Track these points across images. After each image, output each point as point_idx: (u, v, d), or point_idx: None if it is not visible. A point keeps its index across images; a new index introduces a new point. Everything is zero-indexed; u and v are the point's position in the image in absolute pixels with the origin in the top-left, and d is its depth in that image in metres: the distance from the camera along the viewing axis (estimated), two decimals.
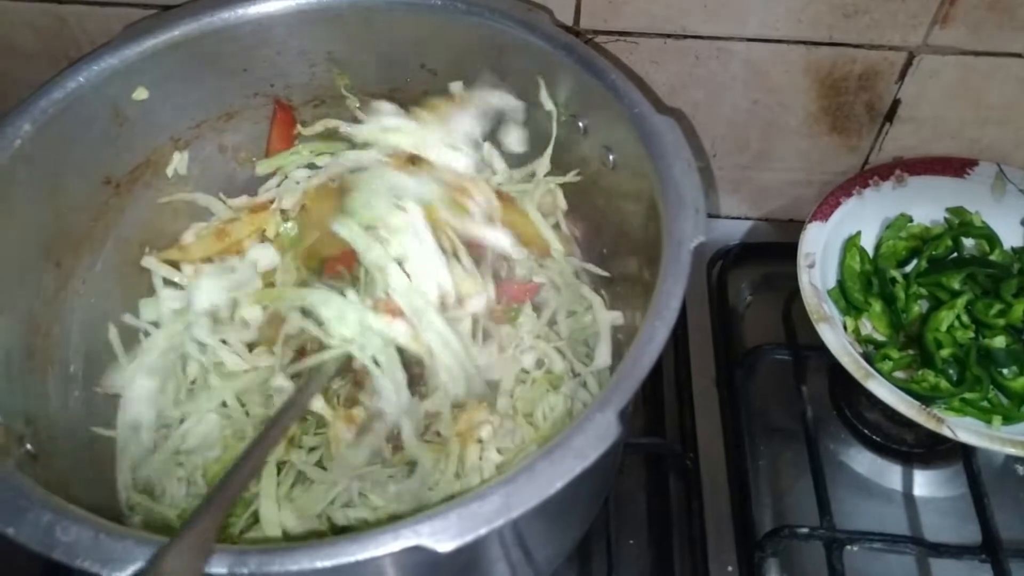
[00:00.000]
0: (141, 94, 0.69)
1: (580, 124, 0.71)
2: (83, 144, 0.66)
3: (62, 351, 0.66)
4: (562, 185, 0.77)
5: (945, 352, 0.76)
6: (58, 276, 0.66)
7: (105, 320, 0.71)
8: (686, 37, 0.81)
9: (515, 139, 0.75)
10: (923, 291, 0.81)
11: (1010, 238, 0.84)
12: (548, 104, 0.72)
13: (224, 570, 0.43)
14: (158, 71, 0.69)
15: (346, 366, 0.67)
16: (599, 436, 0.47)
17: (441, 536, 0.43)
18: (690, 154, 0.61)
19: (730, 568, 0.74)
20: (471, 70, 0.74)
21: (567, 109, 0.71)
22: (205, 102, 0.74)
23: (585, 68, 0.66)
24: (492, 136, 0.75)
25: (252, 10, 0.70)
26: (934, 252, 0.83)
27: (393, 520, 0.44)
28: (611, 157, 0.69)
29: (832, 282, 0.82)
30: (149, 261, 0.75)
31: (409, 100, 0.79)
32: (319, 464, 0.66)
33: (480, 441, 0.64)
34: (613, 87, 0.64)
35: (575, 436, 0.47)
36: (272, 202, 0.79)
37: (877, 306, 0.81)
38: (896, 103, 0.85)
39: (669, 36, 0.81)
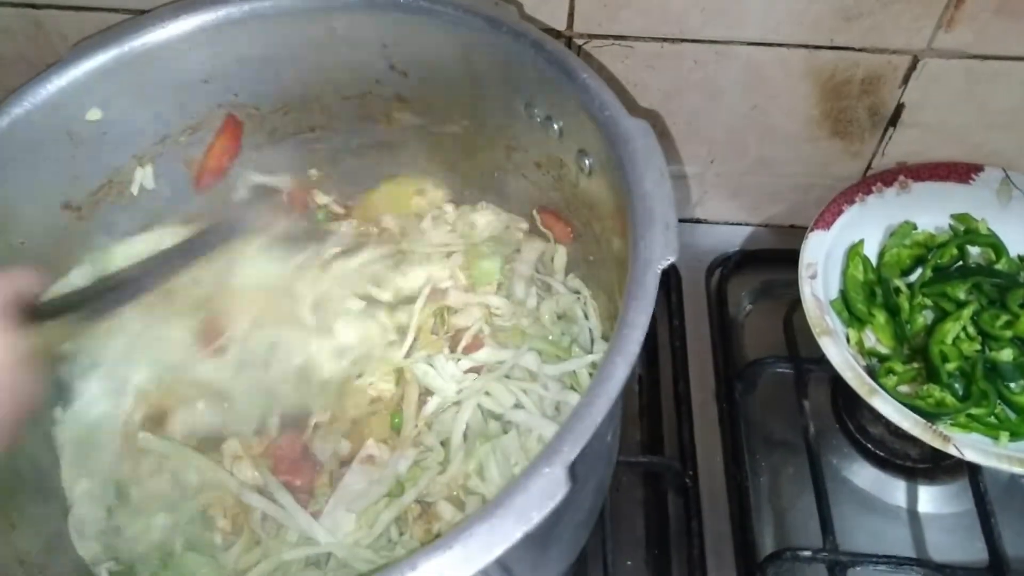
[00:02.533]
0: (95, 115, 0.66)
1: (555, 126, 0.67)
2: (36, 171, 0.64)
3: None
4: (544, 189, 0.75)
5: (951, 366, 0.74)
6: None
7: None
8: (683, 41, 0.78)
9: None
10: (928, 301, 0.79)
11: (1016, 245, 0.82)
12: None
13: None
14: (111, 89, 0.66)
15: None
16: (545, 495, 0.41)
17: None
18: (664, 163, 0.56)
19: None
20: (441, 70, 0.72)
21: (541, 110, 0.68)
22: (165, 117, 0.71)
23: (554, 66, 0.62)
24: None
25: (206, 18, 0.67)
26: (939, 261, 0.81)
27: None
28: (587, 162, 0.65)
29: (835, 292, 0.80)
30: None
31: (382, 103, 0.77)
32: None
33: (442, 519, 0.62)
34: (584, 87, 0.60)
35: (517, 494, 0.42)
36: None
37: (881, 317, 0.78)
38: (900, 107, 0.83)
39: (665, 40, 0.78)
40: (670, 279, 0.90)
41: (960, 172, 0.84)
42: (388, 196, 0.83)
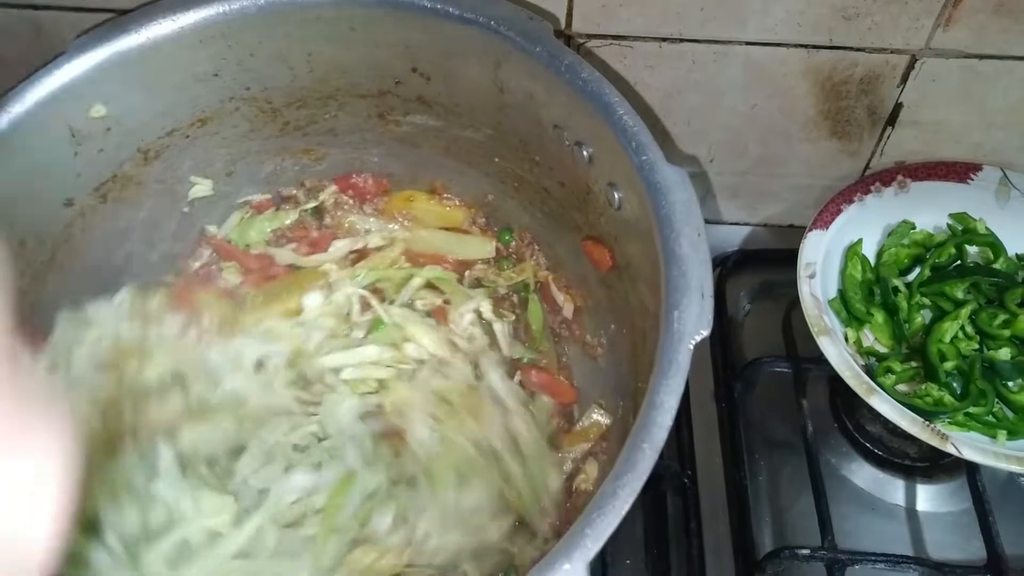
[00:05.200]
0: (98, 111, 0.64)
1: (585, 153, 0.65)
2: (37, 169, 0.62)
3: None
4: (567, 208, 0.74)
5: (949, 364, 0.74)
6: (21, 308, 0.63)
7: None
8: (682, 41, 0.78)
9: None
10: (926, 301, 0.79)
11: (1014, 245, 0.82)
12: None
13: None
14: (115, 84, 0.64)
15: None
16: None
17: None
18: (701, 221, 0.53)
19: None
20: (467, 78, 0.70)
21: (571, 134, 0.65)
22: (173, 110, 0.70)
23: (591, 100, 0.59)
24: None
25: (217, 11, 0.65)
26: (937, 260, 0.81)
27: None
28: (616, 196, 0.62)
29: (833, 291, 0.80)
30: None
31: (401, 103, 0.76)
32: None
33: None
34: (621, 126, 0.58)
35: None
36: None
37: (879, 317, 0.79)
38: (898, 107, 0.83)
39: (664, 40, 0.78)
40: None
41: (958, 172, 0.85)
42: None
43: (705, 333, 0.48)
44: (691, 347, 0.48)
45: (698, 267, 0.51)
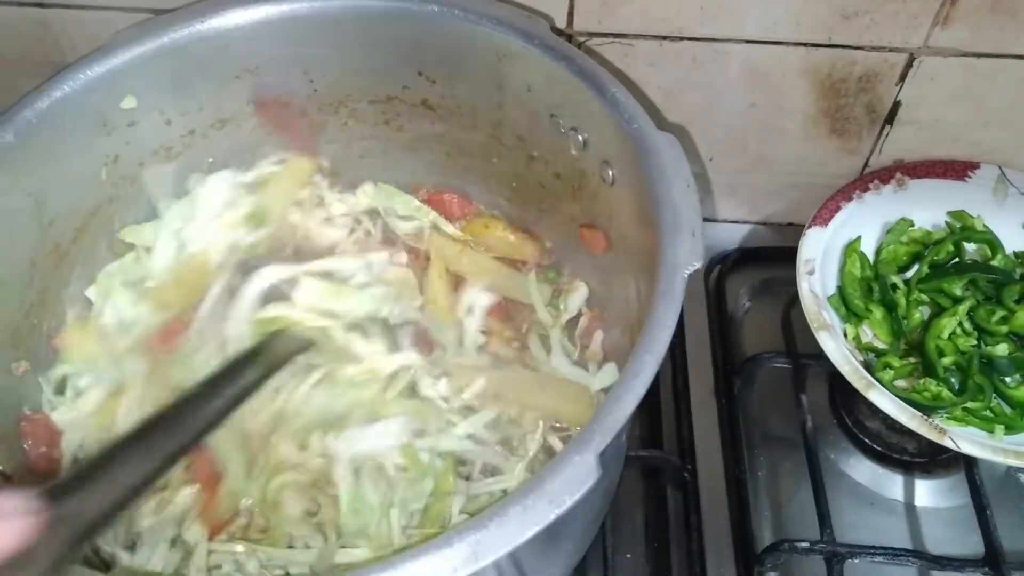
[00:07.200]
0: (129, 102, 0.67)
1: (580, 138, 0.69)
2: (69, 154, 0.65)
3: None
4: (561, 199, 0.75)
5: (947, 360, 0.75)
6: (42, 287, 0.65)
7: None
8: (683, 39, 0.79)
9: None
10: (924, 297, 0.80)
11: (1012, 242, 0.83)
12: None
13: None
14: (147, 79, 0.67)
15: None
16: (577, 480, 0.44)
17: None
18: (690, 174, 0.58)
19: None
20: (469, 79, 0.73)
21: (567, 121, 0.69)
22: (196, 110, 0.73)
23: (584, 80, 0.64)
24: None
25: (243, 17, 0.68)
26: (935, 257, 0.81)
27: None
28: (610, 173, 0.67)
29: (832, 288, 0.80)
30: None
31: (407, 108, 0.78)
32: None
33: None
34: (613, 101, 0.62)
35: (550, 479, 0.44)
36: None
37: (878, 313, 0.79)
38: (896, 105, 0.84)
39: (665, 38, 0.79)
40: None
41: (956, 169, 0.85)
42: None
43: (697, 265, 0.54)
44: (685, 276, 0.53)
45: (688, 212, 0.56)
